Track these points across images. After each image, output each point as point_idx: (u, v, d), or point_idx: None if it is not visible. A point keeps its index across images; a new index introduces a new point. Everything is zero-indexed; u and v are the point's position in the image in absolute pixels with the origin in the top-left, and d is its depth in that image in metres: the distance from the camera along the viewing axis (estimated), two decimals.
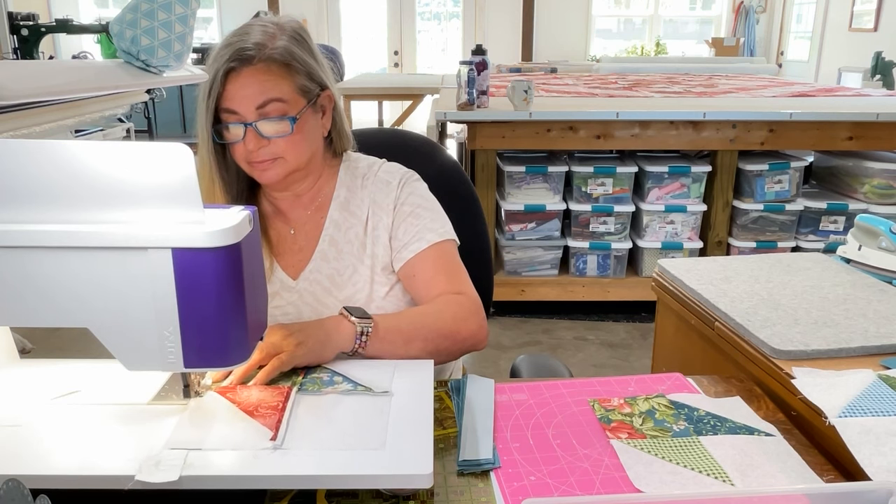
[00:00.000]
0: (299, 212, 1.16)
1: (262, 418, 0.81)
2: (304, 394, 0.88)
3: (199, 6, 1.07)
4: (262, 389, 0.88)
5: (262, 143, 1.04)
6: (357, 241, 1.13)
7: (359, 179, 1.17)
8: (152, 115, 5.55)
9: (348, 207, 1.15)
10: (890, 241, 1.27)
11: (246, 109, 1.03)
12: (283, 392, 0.87)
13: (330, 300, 1.12)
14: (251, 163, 1.06)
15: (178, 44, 1.03)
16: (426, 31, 8.88)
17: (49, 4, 7.99)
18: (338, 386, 0.90)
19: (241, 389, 0.88)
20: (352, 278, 1.12)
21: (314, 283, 1.13)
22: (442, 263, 1.11)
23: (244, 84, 1.02)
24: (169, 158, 0.69)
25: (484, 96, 2.93)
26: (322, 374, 0.93)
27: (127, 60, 1.04)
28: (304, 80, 1.06)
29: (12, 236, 0.71)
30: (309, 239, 1.15)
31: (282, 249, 1.16)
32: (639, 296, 3.15)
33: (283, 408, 0.83)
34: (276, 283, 1.14)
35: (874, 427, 0.80)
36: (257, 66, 1.02)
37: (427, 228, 1.11)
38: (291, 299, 1.13)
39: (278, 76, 1.03)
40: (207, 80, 1.03)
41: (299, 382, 0.91)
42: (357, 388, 0.89)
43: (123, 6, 1.02)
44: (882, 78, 5.84)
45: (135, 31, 1.00)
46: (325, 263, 1.13)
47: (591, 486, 0.77)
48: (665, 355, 1.43)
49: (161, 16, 1.01)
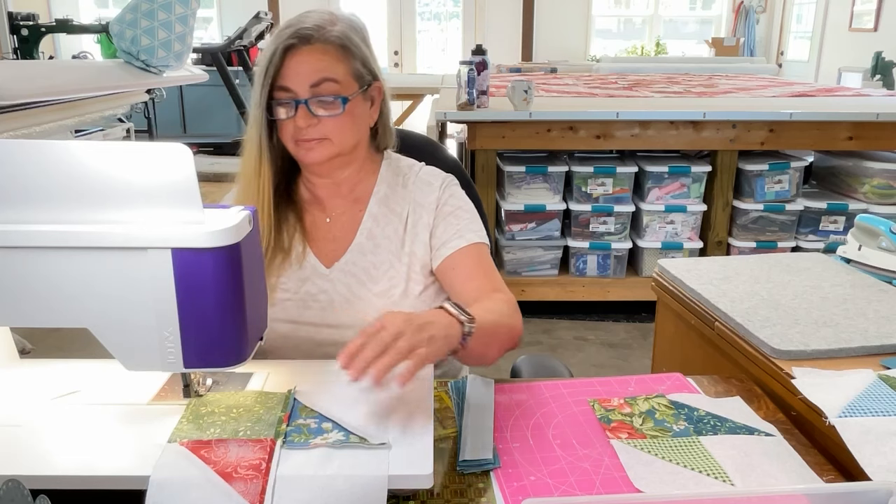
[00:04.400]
0: (337, 201, 1.17)
1: (242, 483, 0.70)
2: (289, 448, 0.76)
3: (199, 6, 1.08)
4: (242, 444, 0.76)
5: (311, 121, 1.06)
6: (395, 238, 1.15)
7: (400, 178, 1.19)
8: (152, 115, 5.55)
9: (388, 204, 1.17)
10: (890, 241, 1.27)
11: (300, 87, 1.05)
12: (265, 447, 0.75)
13: (364, 292, 1.13)
14: (298, 141, 1.08)
15: (178, 44, 1.03)
16: (426, 31, 8.87)
17: (49, 4, 7.98)
18: (328, 435, 0.78)
19: (217, 444, 0.75)
20: (387, 273, 1.13)
21: (349, 275, 1.13)
22: (479, 262, 1.12)
23: (301, 62, 1.05)
24: (169, 158, 0.69)
25: (484, 96, 2.93)
26: (309, 421, 0.81)
27: (127, 60, 1.04)
28: (358, 66, 1.09)
29: (12, 236, 0.71)
30: (345, 230, 1.16)
31: (316, 236, 1.17)
32: (639, 296, 3.15)
33: (267, 470, 0.72)
34: (307, 268, 1.14)
35: (874, 427, 0.80)
36: (315, 46, 1.05)
37: (467, 228, 1.13)
38: (324, 287, 1.13)
39: (334, 58, 1.06)
40: (262, 61, 1.05)
41: (284, 432, 0.78)
42: (349, 438, 0.77)
43: (123, 6, 1.02)
44: (882, 78, 5.84)
45: (135, 31, 1.00)
46: (362, 256, 1.14)
47: (591, 486, 0.77)
48: (665, 355, 1.43)
49: (161, 16, 1.02)
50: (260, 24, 5.75)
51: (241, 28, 5.72)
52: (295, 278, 1.14)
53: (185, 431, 0.78)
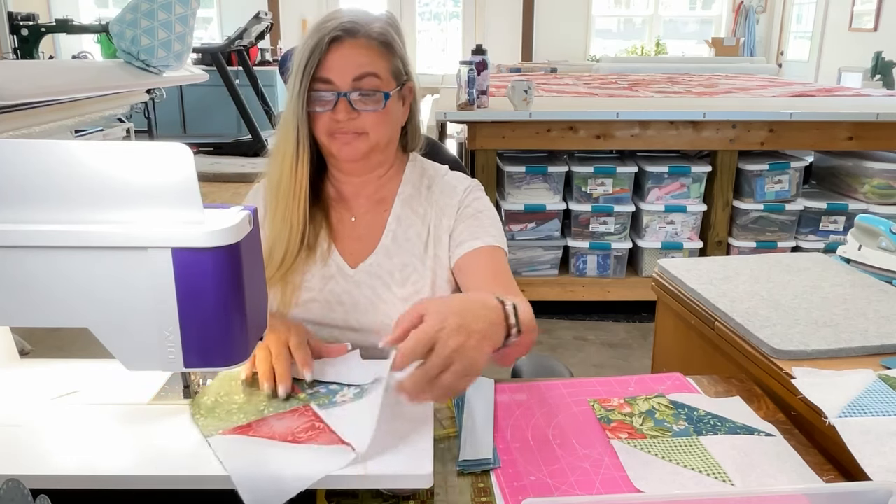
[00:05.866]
0: (362, 200, 1.17)
1: (314, 442, 0.76)
2: (322, 408, 0.84)
3: (199, 6, 1.08)
4: (280, 417, 0.82)
5: (351, 115, 1.05)
6: (419, 241, 1.14)
7: (425, 180, 1.18)
8: (152, 115, 5.55)
9: (411, 205, 1.16)
10: (890, 241, 1.27)
11: (342, 80, 1.04)
12: (305, 412, 0.83)
13: (388, 295, 1.12)
14: (334, 135, 1.07)
15: (178, 44, 1.03)
16: (426, 31, 8.88)
17: (49, 4, 7.99)
18: (345, 391, 0.88)
19: (257, 424, 0.80)
20: (411, 276, 1.12)
21: (374, 277, 1.13)
22: (494, 265, 1.10)
23: (345, 55, 1.04)
24: (169, 158, 0.69)
25: (484, 96, 2.93)
26: (318, 388, 0.89)
27: (127, 60, 1.04)
28: (398, 63, 1.10)
29: (12, 236, 0.71)
30: (370, 230, 1.16)
31: (341, 235, 1.16)
32: (639, 296, 3.15)
33: (327, 426, 0.79)
34: (332, 266, 1.14)
35: (874, 427, 0.80)
36: (359, 41, 1.05)
37: (485, 232, 1.12)
38: (347, 287, 1.13)
39: (377, 54, 1.06)
40: (304, 51, 1.04)
41: (306, 400, 0.86)
42: (364, 386, 0.89)
43: (123, 6, 1.02)
44: (882, 78, 5.85)
45: (135, 31, 1.00)
46: (388, 259, 1.13)
47: (591, 486, 0.77)
48: (665, 355, 1.43)
49: (161, 16, 1.01)
50: (260, 24, 5.75)
51: (241, 28, 5.72)
52: (319, 276, 1.13)
53: (214, 425, 0.80)
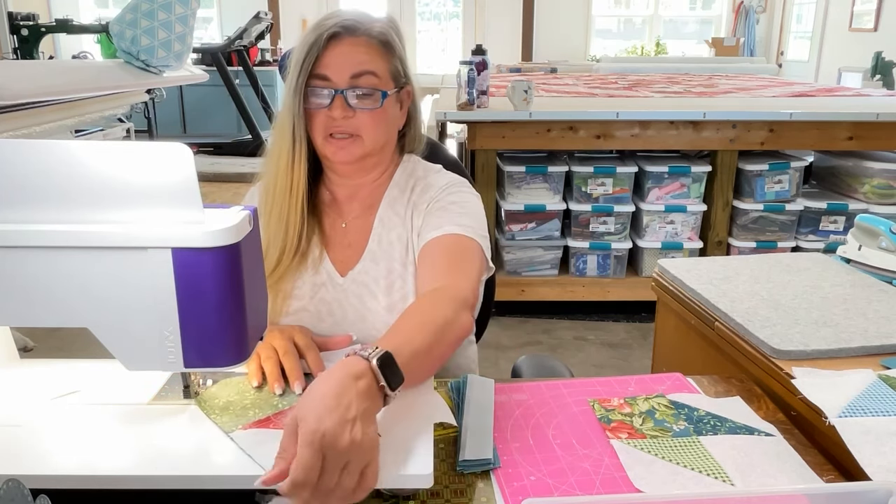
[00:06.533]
0: (354, 205, 1.15)
1: None
2: None
3: (199, 6, 1.08)
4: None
5: (347, 113, 1.04)
6: (399, 244, 1.11)
7: (411, 181, 1.16)
8: (152, 115, 5.55)
9: (394, 207, 1.13)
10: (890, 241, 1.27)
11: (340, 77, 1.04)
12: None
13: (374, 305, 1.09)
14: (329, 137, 1.06)
15: (178, 44, 1.03)
16: (426, 31, 8.88)
17: (49, 4, 7.99)
18: None
19: (276, 417, 0.82)
20: (395, 283, 1.09)
21: (360, 285, 1.11)
22: (446, 251, 1.03)
23: (343, 52, 1.04)
24: (169, 158, 0.69)
25: (484, 96, 2.93)
26: None
27: (127, 60, 1.04)
28: (397, 64, 1.09)
29: (12, 236, 0.71)
30: (359, 235, 1.14)
31: (333, 242, 1.14)
32: (639, 296, 3.15)
33: None
34: (323, 274, 1.12)
35: (874, 427, 0.80)
36: (359, 38, 1.05)
37: (450, 221, 1.06)
38: (336, 296, 1.11)
39: (376, 53, 1.06)
40: (302, 47, 1.04)
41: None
42: None
43: (123, 6, 1.02)
44: (882, 78, 5.85)
45: (135, 31, 1.00)
46: (374, 265, 1.11)
47: (591, 486, 0.77)
48: (665, 355, 1.43)
49: (161, 16, 1.01)
50: (260, 24, 5.75)
51: (241, 28, 5.72)
52: (310, 284, 1.11)
53: (233, 421, 0.80)
